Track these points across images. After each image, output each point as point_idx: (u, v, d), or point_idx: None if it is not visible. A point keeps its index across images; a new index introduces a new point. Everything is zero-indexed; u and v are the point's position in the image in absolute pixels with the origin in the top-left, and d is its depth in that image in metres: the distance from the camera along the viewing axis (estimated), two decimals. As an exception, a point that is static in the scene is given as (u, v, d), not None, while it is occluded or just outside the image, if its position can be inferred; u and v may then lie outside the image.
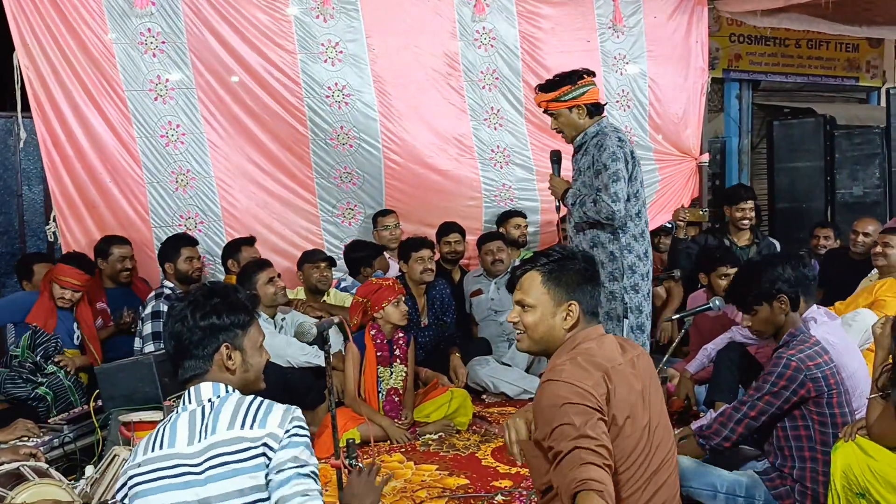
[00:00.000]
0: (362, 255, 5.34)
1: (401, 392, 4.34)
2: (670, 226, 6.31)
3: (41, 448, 3.29)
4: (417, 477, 3.68)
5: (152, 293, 4.67)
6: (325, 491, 3.33)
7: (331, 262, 5.16)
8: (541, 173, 5.92)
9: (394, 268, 5.41)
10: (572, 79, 3.85)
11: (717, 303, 3.74)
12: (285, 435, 1.89)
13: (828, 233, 6.20)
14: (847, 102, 9.57)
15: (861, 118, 8.65)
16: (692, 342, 4.72)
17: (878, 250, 4.74)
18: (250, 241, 5.11)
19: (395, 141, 5.66)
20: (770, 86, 9.11)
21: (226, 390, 2.01)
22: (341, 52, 5.48)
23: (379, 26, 5.57)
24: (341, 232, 5.69)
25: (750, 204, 5.62)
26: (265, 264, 4.57)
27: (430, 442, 4.19)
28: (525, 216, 5.93)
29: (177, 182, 5.23)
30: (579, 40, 6.09)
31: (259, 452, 1.87)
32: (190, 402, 2.00)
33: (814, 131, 7.88)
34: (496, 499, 3.41)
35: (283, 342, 4.36)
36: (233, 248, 5.07)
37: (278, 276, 4.54)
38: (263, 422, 1.90)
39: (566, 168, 4.11)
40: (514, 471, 3.69)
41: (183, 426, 1.95)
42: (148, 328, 4.45)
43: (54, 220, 4.95)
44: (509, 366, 5.11)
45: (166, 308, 4.36)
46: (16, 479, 2.84)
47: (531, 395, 4.67)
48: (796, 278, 3.06)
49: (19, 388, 4.10)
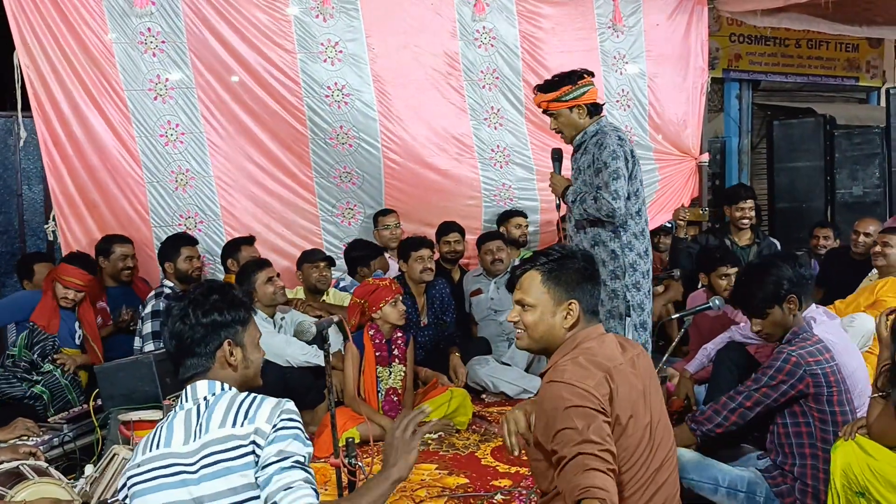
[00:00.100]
0: (360, 255, 5.34)
1: (400, 392, 4.34)
2: (670, 225, 6.31)
3: (41, 447, 3.29)
4: (417, 476, 3.67)
5: (152, 292, 4.68)
6: (325, 490, 3.34)
7: (330, 261, 5.16)
8: (541, 173, 5.92)
9: (394, 267, 5.41)
10: (572, 79, 3.86)
11: (716, 302, 3.75)
12: (272, 430, 1.88)
13: (827, 233, 6.20)
14: (847, 102, 9.57)
15: (861, 118, 8.66)
16: (692, 342, 4.72)
17: (878, 250, 4.74)
18: (250, 240, 5.12)
19: (394, 140, 5.66)
20: (770, 86, 9.12)
21: (221, 388, 2.01)
22: (341, 51, 5.48)
23: (379, 26, 5.57)
24: (341, 231, 5.69)
25: (750, 203, 5.63)
26: (264, 263, 4.57)
27: (429, 441, 4.19)
28: (526, 216, 5.93)
29: (176, 181, 5.23)
30: (579, 40, 6.10)
31: (248, 451, 1.87)
32: (187, 400, 2.00)
33: (814, 131, 7.89)
34: (495, 498, 3.41)
35: (282, 341, 4.36)
36: (232, 248, 5.07)
37: (277, 275, 4.54)
38: (252, 418, 1.90)
39: (566, 167, 4.11)
40: (513, 470, 3.69)
41: (179, 425, 1.95)
42: (148, 327, 4.46)
43: (53, 219, 4.94)
44: (509, 365, 5.10)
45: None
46: (15, 477, 2.84)
47: (531, 395, 4.67)
48: (797, 278, 3.06)
49: (14, 387, 4.10)
